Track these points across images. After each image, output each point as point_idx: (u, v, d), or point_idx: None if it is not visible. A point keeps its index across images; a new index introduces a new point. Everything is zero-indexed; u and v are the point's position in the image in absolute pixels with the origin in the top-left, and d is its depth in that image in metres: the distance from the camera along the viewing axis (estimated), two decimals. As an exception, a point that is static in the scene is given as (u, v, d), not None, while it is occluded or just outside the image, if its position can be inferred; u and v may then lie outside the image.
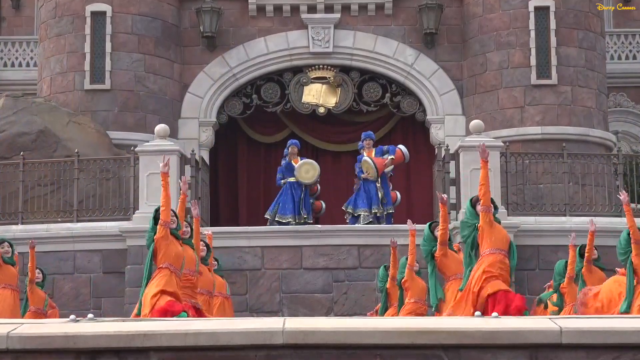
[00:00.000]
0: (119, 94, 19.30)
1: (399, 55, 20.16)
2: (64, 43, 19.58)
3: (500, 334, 5.31)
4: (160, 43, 19.76)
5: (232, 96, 20.37)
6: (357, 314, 14.76)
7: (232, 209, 21.09)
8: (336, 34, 20.23)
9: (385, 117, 21.10)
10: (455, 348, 5.26)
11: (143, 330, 5.34)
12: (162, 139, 16.44)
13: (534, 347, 5.27)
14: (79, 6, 19.52)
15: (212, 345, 5.26)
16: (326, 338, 5.27)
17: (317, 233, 16.13)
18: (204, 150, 19.82)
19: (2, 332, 5.28)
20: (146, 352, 5.27)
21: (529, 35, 19.27)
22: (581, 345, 5.26)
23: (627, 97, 23.61)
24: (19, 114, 18.08)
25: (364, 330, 5.30)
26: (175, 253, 9.29)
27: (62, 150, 17.62)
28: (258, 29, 20.34)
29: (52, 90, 19.57)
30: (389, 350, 5.26)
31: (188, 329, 5.34)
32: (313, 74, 20.37)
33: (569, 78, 19.23)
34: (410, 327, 5.36)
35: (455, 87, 20.03)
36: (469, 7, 19.96)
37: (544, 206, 16.64)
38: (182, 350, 5.27)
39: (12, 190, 16.80)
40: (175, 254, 9.29)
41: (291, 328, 5.27)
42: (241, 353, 5.26)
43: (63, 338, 5.30)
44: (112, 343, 5.28)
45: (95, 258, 15.99)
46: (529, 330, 5.31)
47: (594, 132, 19.28)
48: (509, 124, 19.18)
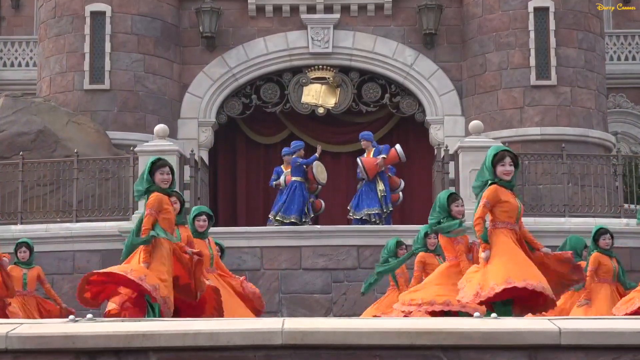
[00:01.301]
0: (118, 94, 19.32)
1: (399, 55, 20.17)
2: (63, 43, 19.58)
3: (499, 334, 5.31)
4: (159, 43, 19.77)
5: (231, 96, 20.38)
6: (356, 315, 14.75)
7: (231, 210, 21.10)
8: (336, 35, 20.24)
9: (384, 118, 21.11)
10: (455, 349, 5.26)
11: (142, 330, 5.34)
12: (161, 139, 16.44)
13: (533, 348, 5.27)
14: (78, 6, 19.53)
15: (212, 345, 5.26)
16: (325, 338, 5.27)
17: (317, 233, 16.13)
18: (203, 150, 19.84)
19: (1, 332, 5.28)
20: (145, 352, 5.27)
21: (528, 35, 19.28)
22: (580, 346, 5.26)
23: (626, 98, 23.61)
24: (19, 114, 18.09)
25: (363, 331, 5.31)
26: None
27: (62, 150, 17.62)
28: (257, 29, 20.36)
29: (52, 90, 19.58)
30: (388, 351, 5.26)
31: (187, 329, 5.34)
32: (312, 74, 20.38)
33: (568, 79, 19.24)
34: (409, 327, 5.37)
35: (454, 87, 20.04)
36: (469, 7, 19.97)
37: (543, 207, 16.65)
38: (181, 350, 5.27)
39: (12, 190, 16.80)
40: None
41: (290, 328, 5.28)
42: (240, 353, 5.27)
43: (62, 338, 5.30)
44: (111, 343, 5.29)
45: (95, 258, 15.97)
46: (528, 331, 5.31)
47: (593, 132, 19.29)
48: (508, 125, 19.19)
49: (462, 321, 5.70)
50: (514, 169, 7.92)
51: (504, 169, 7.88)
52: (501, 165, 7.88)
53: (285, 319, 5.57)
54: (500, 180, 7.89)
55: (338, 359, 5.27)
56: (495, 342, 5.28)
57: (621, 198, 16.56)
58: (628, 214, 16.44)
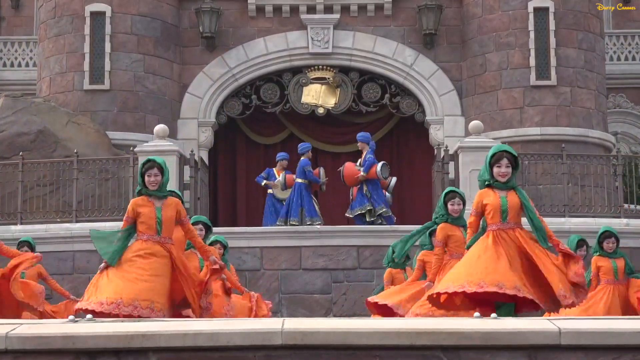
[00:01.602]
0: (118, 94, 19.31)
1: (398, 55, 20.18)
2: (63, 43, 19.58)
3: (499, 334, 5.31)
4: (159, 43, 19.77)
5: (231, 96, 20.38)
6: (356, 315, 14.75)
7: (231, 210, 21.09)
8: (335, 35, 20.24)
9: (384, 118, 21.11)
10: (455, 349, 5.26)
11: (142, 330, 5.34)
12: (161, 139, 16.45)
13: (533, 348, 5.27)
14: (78, 6, 19.53)
15: (211, 345, 5.26)
16: (325, 339, 5.27)
17: (317, 234, 16.12)
18: (203, 150, 19.85)
19: (1, 332, 5.28)
20: (145, 353, 5.27)
21: (528, 36, 19.28)
22: (580, 347, 5.26)
23: (626, 98, 23.60)
24: (18, 114, 18.09)
25: (363, 331, 5.30)
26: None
27: (62, 150, 17.63)
28: (257, 30, 20.36)
29: (52, 90, 19.58)
30: (388, 351, 5.26)
31: (187, 329, 5.34)
32: (312, 74, 20.38)
33: (568, 79, 19.24)
34: (409, 328, 5.36)
35: (454, 87, 20.04)
36: (469, 7, 19.98)
37: (543, 207, 16.63)
38: (181, 350, 5.27)
39: (11, 190, 16.79)
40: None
41: (290, 329, 5.28)
42: (240, 354, 5.27)
43: (62, 338, 5.30)
44: (111, 343, 5.28)
45: (95, 258, 15.87)
46: (528, 331, 5.31)
47: (593, 133, 19.30)
48: (508, 125, 19.19)
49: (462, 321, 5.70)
50: (511, 170, 7.86)
51: (499, 171, 7.83)
52: (497, 166, 7.84)
53: (285, 319, 5.57)
54: (496, 181, 7.85)
55: (338, 359, 5.27)
56: (495, 342, 5.28)
57: (621, 198, 16.56)
58: (628, 214, 16.44)
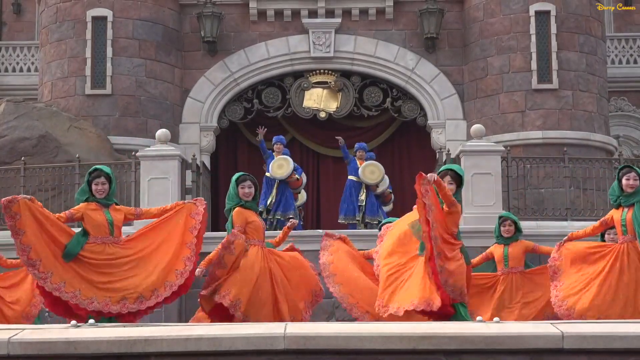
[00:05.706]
0: (119, 99, 19.32)
1: (400, 59, 20.18)
2: (64, 48, 19.60)
3: (501, 338, 5.30)
4: (161, 48, 19.78)
5: (233, 101, 20.39)
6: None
7: (233, 214, 21.04)
8: (337, 39, 20.24)
9: (386, 122, 21.11)
10: (457, 353, 5.25)
11: (144, 335, 5.33)
12: (163, 143, 16.42)
13: (536, 352, 5.26)
14: (79, 11, 19.55)
15: (214, 350, 5.25)
16: (327, 343, 5.26)
17: (318, 238, 16.06)
18: (205, 155, 19.85)
19: (3, 337, 5.27)
20: (147, 357, 5.27)
21: (529, 39, 19.28)
22: (583, 350, 5.25)
23: (628, 101, 23.59)
24: (20, 119, 18.09)
25: (365, 335, 5.30)
26: None
27: (63, 155, 17.62)
28: (259, 34, 20.37)
29: (53, 95, 19.59)
30: (390, 356, 5.25)
31: (189, 334, 5.33)
32: (314, 78, 20.38)
33: (569, 82, 19.23)
34: (411, 332, 5.35)
35: (456, 91, 20.04)
36: (470, 11, 19.98)
37: (545, 210, 16.61)
38: (183, 355, 5.26)
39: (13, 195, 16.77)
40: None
41: (292, 333, 5.27)
42: (243, 358, 5.26)
43: (64, 343, 5.30)
44: (113, 348, 5.28)
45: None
46: (531, 335, 5.30)
47: (595, 136, 19.28)
48: (510, 129, 19.18)
49: (464, 325, 5.69)
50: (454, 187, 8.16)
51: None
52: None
53: (287, 324, 5.57)
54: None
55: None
56: (497, 347, 5.27)
57: (623, 201, 16.51)
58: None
